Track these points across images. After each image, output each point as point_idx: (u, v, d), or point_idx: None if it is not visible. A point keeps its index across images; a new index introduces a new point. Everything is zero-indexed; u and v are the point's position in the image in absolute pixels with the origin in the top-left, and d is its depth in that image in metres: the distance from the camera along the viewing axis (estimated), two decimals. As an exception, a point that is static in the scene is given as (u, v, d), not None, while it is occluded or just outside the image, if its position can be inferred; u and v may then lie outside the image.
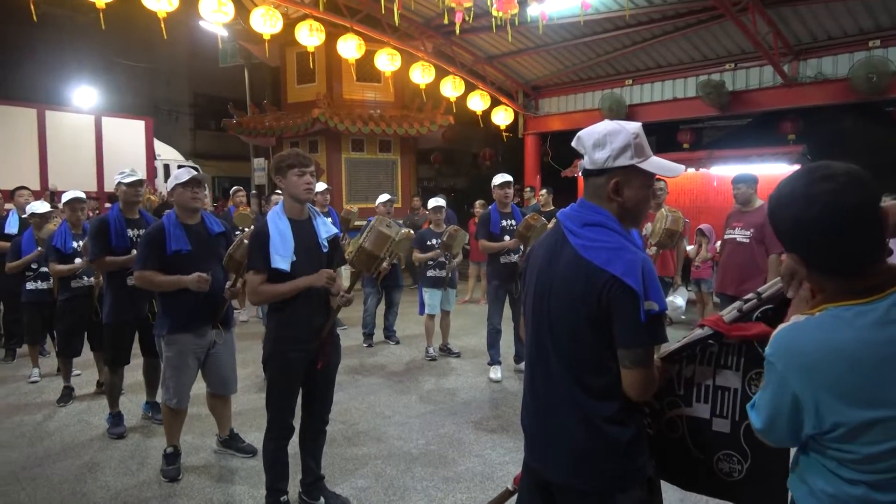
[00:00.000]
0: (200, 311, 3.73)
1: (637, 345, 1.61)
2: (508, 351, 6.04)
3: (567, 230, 1.74)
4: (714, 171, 9.79)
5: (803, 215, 1.26)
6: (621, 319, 1.60)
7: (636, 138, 1.68)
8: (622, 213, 1.72)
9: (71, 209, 5.01)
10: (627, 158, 1.67)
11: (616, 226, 1.69)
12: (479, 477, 3.82)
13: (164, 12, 7.08)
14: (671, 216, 4.76)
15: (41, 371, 5.79)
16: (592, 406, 1.69)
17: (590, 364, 1.69)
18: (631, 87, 11.25)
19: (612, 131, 1.69)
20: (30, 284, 5.56)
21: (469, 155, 21.13)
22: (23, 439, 4.40)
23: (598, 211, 1.71)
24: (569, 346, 1.71)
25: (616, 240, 1.66)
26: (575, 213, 1.76)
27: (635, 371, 1.62)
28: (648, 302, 1.57)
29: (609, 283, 1.60)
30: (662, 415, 1.87)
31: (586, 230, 1.70)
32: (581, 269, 1.66)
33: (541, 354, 1.81)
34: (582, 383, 1.70)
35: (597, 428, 1.68)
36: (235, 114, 13.03)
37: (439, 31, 10.73)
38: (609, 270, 1.60)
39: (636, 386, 1.64)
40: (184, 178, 3.69)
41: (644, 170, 1.70)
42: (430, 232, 6.57)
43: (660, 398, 1.85)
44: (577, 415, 1.71)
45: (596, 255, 1.64)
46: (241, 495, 3.58)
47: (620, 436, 1.68)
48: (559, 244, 1.76)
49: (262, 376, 5.03)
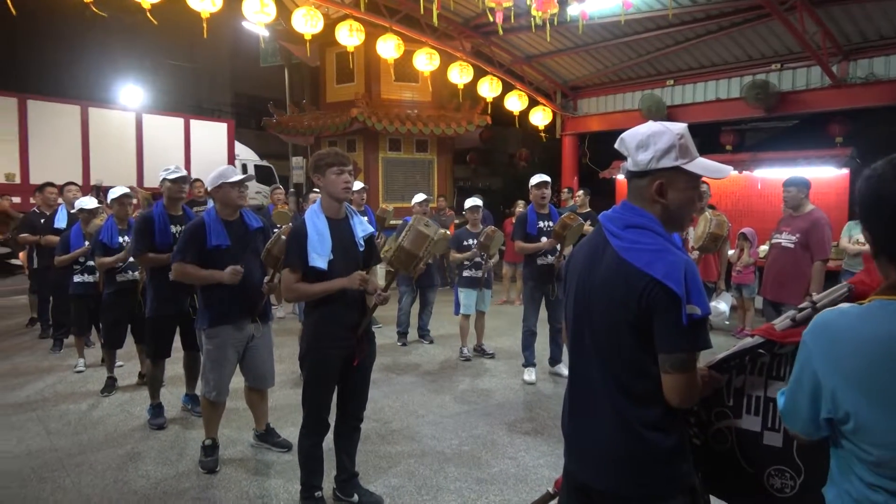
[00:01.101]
0: (239, 305, 3.79)
1: (678, 349, 1.57)
2: (543, 353, 5.99)
3: (609, 232, 1.72)
4: (758, 173, 9.56)
5: (885, 192, 1.25)
6: (662, 323, 1.57)
7: (681, 139, 1.64)
8: (666, 215, 1.68)
9: (119, 204, 5.15)
10: (672, 160, 1.64)
11: (659, 228, 1.66)
12: (513, 479, 3.79)
13: (207, 13, 7.21)
14: (715, 220, 4.65)
15: (86, 361, 5.96)
16: (633, 411, 1.66)
17: (630, 368, 1.65)
18: (672, 88, 11.05)
19: (656, 132, 1.66)
20: (77, 277, 5.73)
21: (505, 155, 21.06)
22: (69, 427, 4.54)
23: (641, 213, 1.69)
24: (609, 350, 1.68)
25: (658, 242, 1.63)
26: (617, 215, 1.74)
27: (676, 376, 1.58)
28: (690, 306, 1.54)
29: (650, 286, 1.57)
30: (710, 425, 1.81)
31: (628, 232, 1.67)
32: (622, 272, 1.63)
33: (581, 358, 1.79)
34: (623, 388, 1.67)
35: (638, 434, 1.65)
36: (275, 113, 13.23)
37: (478, 30, 10.71)
38: (650, 273, 1.57)
39: (677, 392, 1.60)
40: (232, 178, 3.75)
41: (689, 171, 1.66)
42: (467, 232, 6.56)
43: (708, 408, 1.80)
44: (617, 420, 1.68)
45: (637, 258, 1.61)
46: (276, 489, 3.62)
47: (662, 443, 1.64)
48: (601, 246, 1.74)
49: (297, 372, 5.11)
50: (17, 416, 4.71)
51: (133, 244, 4.47)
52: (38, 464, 3.91)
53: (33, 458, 3.99)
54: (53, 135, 12.45)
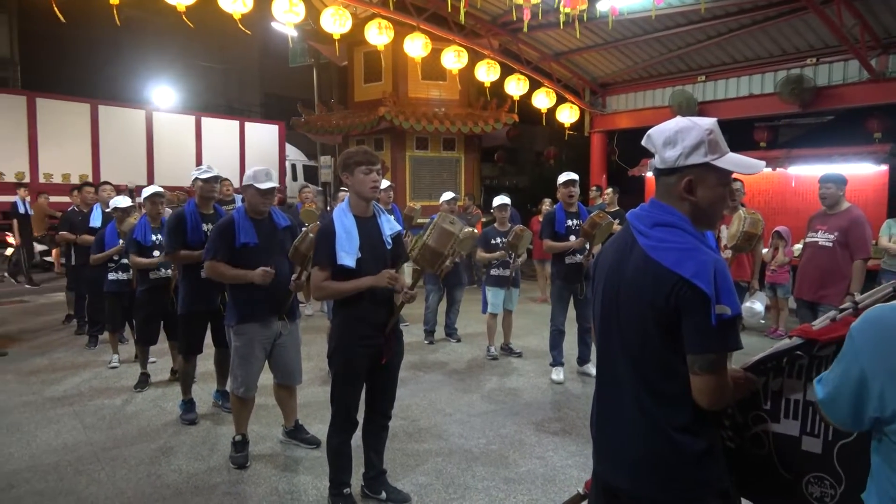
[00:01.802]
0: (267, 303, 3.82)
1: (706, 350, 1.53)
2: (571, 352, 5.94)
3: (636, 231, 1.69)
4: (792, 171, 9.34)
5: None
6: (691, 323, 1.54)
7: (710, 134, 1.60)
8: (696, 213, 1.64)
9: (151, 203, 5.24)
10: (701, 156, 1.60)
11: (689, 227, 1.62)
12: (541, 479, 3.76)
13: (238, 13, 7.30)
14: (750, 218, 4.53)
15: (120, 357, 6.08)
16: (662, 413, 1.62)
17: (659, 369, 1.62)
18: (703, 84, 10.85)
19: (684, 128, 1.62)
20: (111, 275, 5.84)
21: (532, 154, 20.94)
22: (104, 421, 4.63)
23: (670, 211, 1.65)
24: (637, 351, 1.65)
25: (688, 240, 1.59)
26: (645, 214, 1.71)
27: (705, 378, 1.54)
28: (720, 306, 1.50)
29: (678, 286, 1.53)
30: (746, 429, 1.76)
31: (656, 230, 1.64)
32: (649, 271, 1.60)
33: (609, 358, 1.76)
34: (651, 389, 1.64)
35: (667, 436, 1.61)
36: (304, 112, 13.35)
37: (505, 28, 10.66)
38: (678, 272, 1.54)
39: (706, 393, 1.56)
40: (262, 185, 3.78)
41: (719, 167, 1.62)
42: (495, 230, 6.53)
43: (744, 411, 1.75)
44: (646, 421, 1.65)
45: (665, 256, 1.58)
46: (305, 485, 3.65)
47: (692, 445, 1.61)
48: (629, 245, 1.71)
49: (325, 370, 5.14)
50: (54, 411, 4.83)
51: (165, 242, 4.55)
52: (74, 457, 4.01)
53: (70, 452, 4.09)
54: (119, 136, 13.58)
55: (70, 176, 12.86)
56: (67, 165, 13.00)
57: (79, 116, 13.22)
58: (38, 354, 6.45)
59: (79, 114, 13.24)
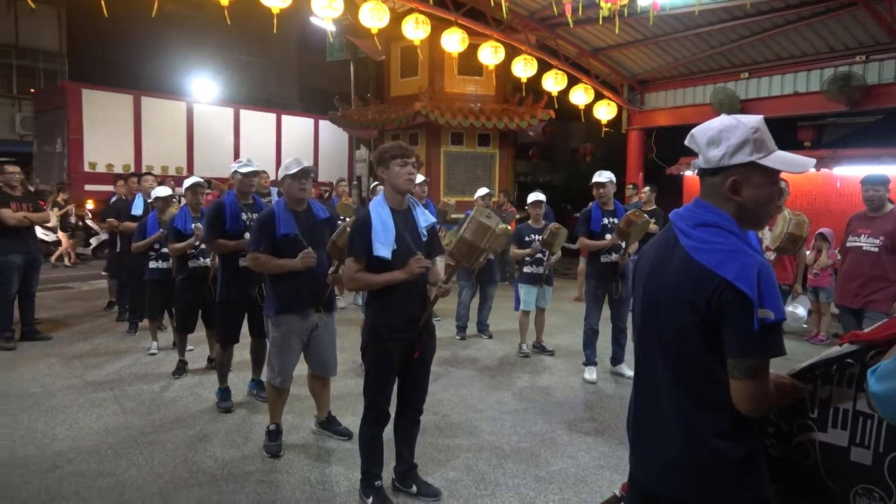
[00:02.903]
0: (305, 295, 3.87)
1: (747, 355, 1.49)
2: (605, 352, 5.87)
3: (679, 231, 1.66)
4: (837, 171, 9.06)
5: None
6: (732, 327, 1.50)
7: (755, 133, 1.56)
8: (741, 213, 1.61)
9: (192, 193, 5.34)
10: (746, 155, 1.56)
11: (734, 227, 1.58)
12: (573, 479, 3.73)
13: (277, 8, 7.38)
14: (795, 220, 4.40)
15: (159, 344, 6.23)
16: (702, 418, 1.59)
17: (699, 373, 1.59)
18: (746, 81, 10.58)
19: (728, 127, 1.59)
20: (152, 263, 5.98)
21: (567, 151, 20.72)
22: (143, 407, 4.75)
23: (714, 212, 1.61)
24: (677, 354, 1.62)
25: (732, 242, 1.56)
26: (688, 214, 1.67)
27: (745, 383, 1.50)
28: (763, 310, 1.46)
29: (720, 288, 1.50)
30: (792, 437, 1.71)
31: (699, 231, 1.60)
32: (691, 272, 1.56)
33: (647, 360, 1.74)
34: (691, 393, 1.61)
35: (707, 442, 1.58)
36: (340, 107, 13.45)
37: (543, 23, 10.56)
38: (720, 274, 1.50)
39: (746, 400, 1.52)
40: (293, 170, 3.82)
41: (766, 166, 1.58)
42: (529, 227, 6.48)
43: (789, 419, 1.70)
44: (684, 426, 1.62)
45: (708, 258, 1.54)
46: (336, 476, 3.69)
47: (732, 452, 1.57)
48: (670, 245, 1.67)
49: (358, 362, 5.19)
50: (96, 394, 4.97)
51: (205, 231, 4.64)
52: (114, 440, 4.12)
53: (110, 435, 4.20)
54: (161, 127, 14.29)
55: (113, 166, 13.31)
56: (111, 156, 13.45)
57: (123, 107, 13.63)
58: (80, 339, 6.65)
59: (123, 105, 13.65)
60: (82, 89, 13.45)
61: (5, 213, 6.11)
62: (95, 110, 13.36)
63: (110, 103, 13.70)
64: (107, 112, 13.52)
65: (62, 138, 13.52)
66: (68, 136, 13.24)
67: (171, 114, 14.59)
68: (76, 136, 13.19)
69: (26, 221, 6.29)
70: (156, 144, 13.96)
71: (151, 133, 14.04)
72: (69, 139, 13.22)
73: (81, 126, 13.16)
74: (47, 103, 14.55)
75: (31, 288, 6.54)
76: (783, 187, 5.63)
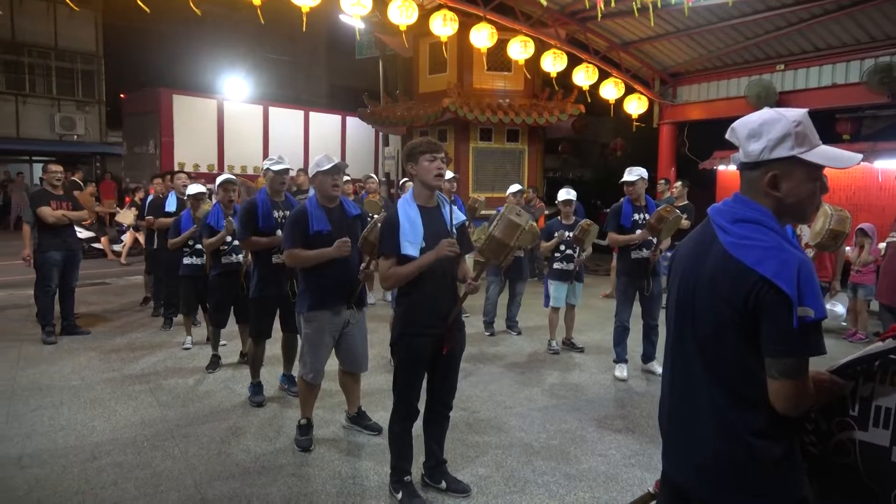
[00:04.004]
0: (337, 291, 3.90)
1: (786, 354, 1.46)
2: (636, 349, 5.80)
3: (717, 226, 1.63)
4: (878, 164, 8.81)
5: None
6: (770, 325, 1.47)
7: (797, 126, 1.53)
8: (781, 209, 1.58)
9: (224, 190, 5.42)
10: (787, 149, 1.53)
11: (773, 223, 1.55)
12: (603, 477, 3.70)
13: (307, 7, 7.44)
14: (836, 215, 4.26)
15: (193, 339, 6.34)
16: (738, 416, 1.56)
17: (736, 371, 1.56)
18: (782, 73, 10.34)
19: (769, 120, 1.55)
20: (186, 259, 6.09)
21: (597, 146, 20.50)
22: (178, 400, 4.85)
23: (754, 207, 1.58)
24: (713, 351, 1.59)
25: (771, 238, 1.52)
26: (727, 209, 1.64)
27: (783, 383, 1.47)
28: (803, 308, 1.42)
29: (758, 285, 1.47)
30: (830, 436, 1.67)
31: (738, 227, 1.57)
32: (728, 269, 1.54)
33: (682, 357, 1.71)
34: (727, 391, 1.58)
35: (743, 440, 1.55)
36: (369, 104, 13.51)
37: (573, 17, 10.46)
38: (759, 271, 1.47)
39: (783, 399, 1.49)
40: (325, 166, 3.85)
41: (808, 161, 1.54)
42: (559, 223, 6.43)
43: (828, 417, 1.66)
44: (721, 424, 1.59)
45: (746, 254, 1.51)
46: (367, 471, 3.71)
47: (770, 451, 1.54)
48: (708, 241, 1.65)
49: (387, 357, 5.21)
50: (132, 387, 5.09)
51: (238, 229, 4.70)
52: (151, 432, 4.21)
53: (147, 427, 4.30)
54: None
55: (199, 166, 13.98)
56: (196, 156, 14.34)
57: (208, 111, 14.94)
58: (118, 334, 6.81)
59: (208, 109, 14.99)
60: (173, 94, 14.58)
61: (45, 211, 6.28)
62: (183, 114, 14.51)
63: (195, 107, 14.89)
64: (191, 116, 14.69)
65: (154, 140, 14.56)
66: (161, 139, 14.29)
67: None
68: (167, 139, 14.29)
69: (65, 219, 6.45)
70: (236, 145, 14.96)
71: (232, 135, 15.15)
72: (161, 141, 14.29)
73: (172, 129, 14.25)
74: (138, 107, 15.66)
75: (70, 284, 6.71)
76: (823, 182, 5.48)
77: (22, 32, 20.93)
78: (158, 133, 14.36)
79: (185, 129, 14.56)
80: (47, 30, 21.44)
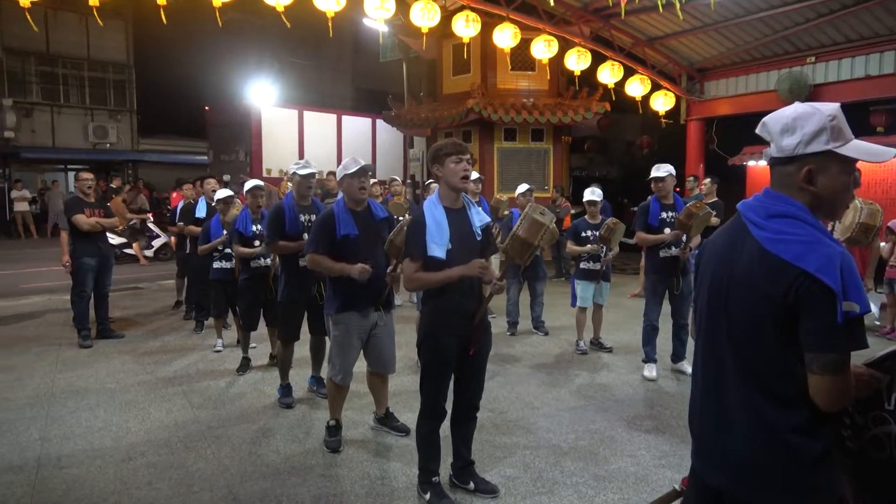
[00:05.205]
0: (365, 294, 3.91)
1: (831, 349, 1.44)
2: (665, 349, 5.73)
3: (749, 222, 1.61)
4: (915, 157, 8.55)
5: None
6: (813, 321, 1.44)
7: (832, 120, 1.51)
8: (816, 203, 1.55)
9: (252, 196, 5.50)
10: (822, 143, 1.51)
11: (811, 218, 1.53)
12: (633, 478, 3.66)
13: (332, 12, 7.52)
14: (867, 209, 4.17)
15: (224, 342, 6.44)
16: (776, 413, 1.54)
17: (774, 368, 1.54)
18: (813, 66, 10.13)
19: (803, 114, 1.53)
20: (216, 264, 6.19)
21: (623, 143, 20.30)
22: (209, 402, 4.93)
23: (788, 202, 1.56)
24: (749, 347, 1.57)
25: (810, 233, 1.50)
26: (759, 204, 1.62)
27: (826, 378, 1.45)
28: (848, 303, 1.40)
29: (799, 280, 1.45)
30: (866, 430, 1.64)
31: (773, 222, 1.55)
32: (766, 265, 1.52)
33: (715, 354, 1.68)
34: (763, 388, 1.55)
35: (780, 438, 1.53)
36: (394, 106, 13.58)
37: (598, 14, 10.38)
38: (801, 266, 1.45)
39: (825, 395, 1.46)
40: (352, 169, 3.88)
41: (843, 155, 1.52)
42: (586, 223, 6.38)
43: (863, 411, 1.63)
44: (757, 422, 1.57)
45: (786, 250, 1.49)
46: (395, 472, 3.73)
47: (808, 448, 1.51)
48: (739, 237, 1.63)
49: (414, 359, 5.23)
50: (166, 390, 5.19)
51: (266, 233, 4.77)
52: (183, 434, 4.29)
53: (180, 429, 4.38)
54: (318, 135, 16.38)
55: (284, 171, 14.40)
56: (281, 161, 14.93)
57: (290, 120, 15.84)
58: (151, 337, 6.95)
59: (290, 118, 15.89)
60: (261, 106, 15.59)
61: (80, 219, 6.44)
62: (269, 124, 15.35)
63: (280, 117, 15.83)
64: (276, 125, 15.57)
65: (244, 148, 15.40)
66: (251, 147, 15.13)
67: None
68: (257, 147, 15.12)
69: (98, 227, 6.61)
70: (315, 150, 15.52)
71: (312, 141, 16.00)
72: (252, 149, 15.13)
73: (261, 137, 15.08)
74: (224, 118, 16.50)
75: (104, 288, 6.87)
76: (856, 176, 5.36)
77: (56, 44, 21.54)
78: (250, 142, 15.38)
79: (270, 138, 15.45)
80: (80, 41, 22.01)
